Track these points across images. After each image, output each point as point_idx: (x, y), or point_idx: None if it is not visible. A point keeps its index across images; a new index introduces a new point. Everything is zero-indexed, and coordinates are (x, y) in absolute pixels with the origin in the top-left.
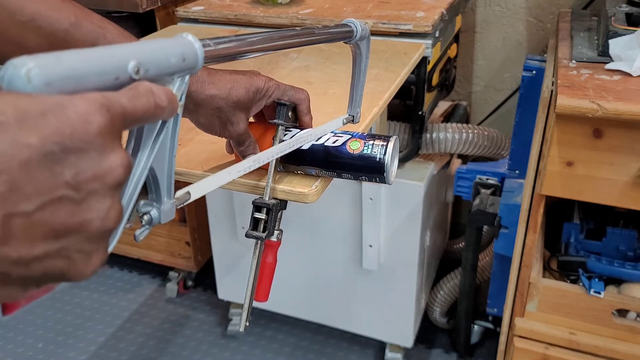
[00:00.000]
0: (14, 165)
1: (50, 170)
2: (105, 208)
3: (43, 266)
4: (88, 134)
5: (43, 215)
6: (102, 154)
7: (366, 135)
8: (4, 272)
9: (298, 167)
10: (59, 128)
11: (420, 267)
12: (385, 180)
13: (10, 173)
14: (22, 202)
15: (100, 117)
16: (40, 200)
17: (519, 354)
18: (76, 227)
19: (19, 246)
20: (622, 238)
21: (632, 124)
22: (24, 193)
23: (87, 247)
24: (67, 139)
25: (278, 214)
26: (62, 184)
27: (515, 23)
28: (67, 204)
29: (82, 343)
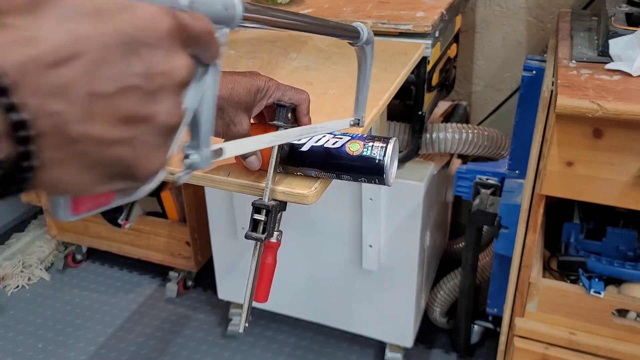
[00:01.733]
0: (95, 48)
1: (125, 59)
2: (171, 104)
3: (116, 152)
4: (157, 31)
5: (119, 100)
6: (169, 53)
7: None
8: (84, 152)
9: (297, 168)
10: (132, 23)
11: (420, 267)
12: (384, 182)
13: (92, 55)
14: (103, 84)
15: (168, 19)
16: (117, 85)
17: (519, 354)
18: (145, 117)
19: (98, 125)
20: (622, 238)
21: (632, 124)
22: (104, 75)
23: (153, 141)
24: (139, 33)
25: (278, 215)
26: (135, 73)
27: (515, 23)
28: (138, 93)
29: (82, 343)
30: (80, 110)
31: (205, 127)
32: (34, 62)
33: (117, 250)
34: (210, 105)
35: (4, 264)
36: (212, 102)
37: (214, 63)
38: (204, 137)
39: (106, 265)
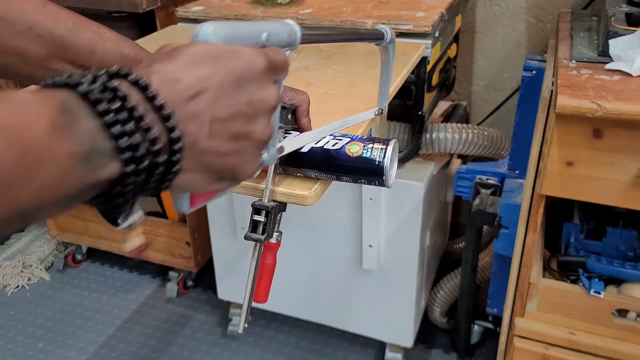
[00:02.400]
0: (215, 85)
1: (234, 92)
2: (265, 124)
3: (228, 161)
4: (256, 70)
5: (230, 123)
6: (264, 85)
7: (365, 138)
8: (208, 161)
9: (297, 169)
10: (237, 64)
11: (420, 267)
12: (384, 184)
13: (213, 90)
14: (220, 110)
15: (262, 59)
16: (229, 111)
17: (519, 354)
18: (247, 135)
19: (217, 142)
20: (622, 238)
21: (632, 124)
22: (222, 104)
23: (251, 152)
24: (244, 71)
25: (277, 216)
26: (241, 102)
27: (515, 23)
28: (243, 117)
29: (82, 343)
30: (206, 130)
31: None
32: (182, 95)
33: (117, 250)
34: (277, 113)
35: (4, 264)
36: (278, 111)
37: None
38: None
39: (106, 265)
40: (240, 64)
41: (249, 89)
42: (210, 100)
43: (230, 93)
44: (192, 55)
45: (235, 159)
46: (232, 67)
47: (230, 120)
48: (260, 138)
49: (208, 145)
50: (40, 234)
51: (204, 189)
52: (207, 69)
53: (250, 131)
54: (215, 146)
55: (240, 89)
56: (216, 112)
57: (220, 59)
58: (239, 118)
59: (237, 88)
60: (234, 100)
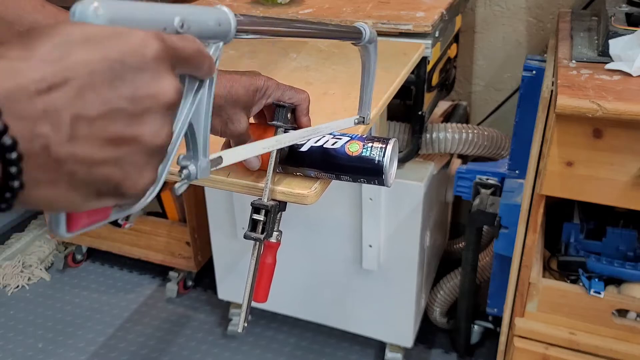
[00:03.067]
0: (82, 75)
1: (111, 84)
2: (158, 125)
3: (102, 172)
4: (145, 56)
5: (104, 123)
6: (157, 76)
7: (365, 137)
8: (71, 171)
9: (297, 168)
10: (120, 49)
11: (420, 267)
12: (384, 183)
13: (78, 80)
14: (87, 107)
15: (156, 43)
16: (102, 108)
17: (519, 354)
18: (131, 139)
19: (84, 147)
20: (622, 238)
21: (632, 124)
22: (89, 99)
23: (139, 160)
24: (126, 58)
25: (277, 216)
26: (121, 97)
27: (515, 23)
28: (124, 116)
29: (82, 343)
30: (65, 132)
31: (202, 137)
32: (21, 90)
33: (117, 250)
34: (206, 117)
35: (4, 264)
36: (207, 115)
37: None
38: (202, 147)
39: (106, 265)
40: (124, 49)
41: (133, 81)
42: (73, 94)
43: (104, 85)
44: (59, 37)
45: (114, 169)
46: (110, 53)
47: (104, 120)
48: (151, 143)
49: (69, 151)
50: (40, 234)
51: (78, 208)
52: (75, 56)
53: (135, 134)
54: (80, 153)
55: (119, 80)
56: (81, 109)
57: (97, 42)
58: (118, 117)
59: (116, 79)
60: (110, 94)
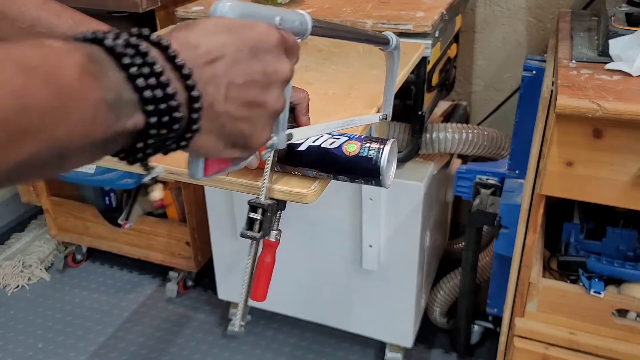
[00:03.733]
0: (232, 52)
1: (250, 60)
2: (277, 95)
3: (241, 127)
4: (271, 41)
5: (246, 89)
6: (279, 58)
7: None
8: (222, 124)
9: (295, 168)
10: (253, 35)
11: (420, 267)
12: (381, 184)
13: (230, 56)
14: (237, 76)
15: (277, 33)
16: (246, 77)
17: (519, 354)
18: (261, 103)
19: (233, 106)
20: (622, 238)
21: (632, 124)
22: (237, 70)
23: (264, 121)
24: (259, 42)
25: (277, 214)
26: (257, 71)
27: (515, 23)
28: (258, 85)
29: (82, 343)
30: (223, 94)
31: (283, 116)
32: (200, 59)
33: (117, 250)
34: (287, 99)
35: (4, 264)
36: (288, 97)
37: None
38: (282, 123)
39: (106, 265)
40: (256, 35)
41: (263, 59)
42: (227, 65)
43: (246, 61)
44: (210, 26)
45: (248, 125)
46: (247, 37)
47: (246, 87)
48: (273, 108)
49: (224, 108)
50: (40, 234)
51: (218, 154)
52: (224, 38)
53: (264, 100)
54: (230, 110)
55: (255, 58)
56: (232, 77)
57: (236, 29)
58: (254, 86)
59: (253, 57)
60: (250, 68)
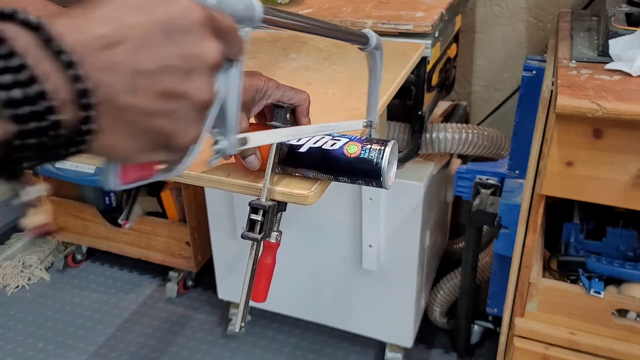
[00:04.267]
0: (138, 34)
1: (164, 43)
2: (203, 83)
3: (157, 123)
4: (192, 19)
5: (158, 78)
6: (202, 38)
7: (364, 139)
8: (131, 120)
9: (296, 169)
10: (169, 13)
11: (420, 267)
12: (382, 185)
13: (135, 39)
14: (145, 62)
15: (200, 10)
16: (157, 63)
17: (519, 354)
18: (181, 93)
19: (142, 98)
20: (622, 238)
21: (632, 124)
22: (145, 55)
23: (188, 115)
24: (175, 21)
25: (277, 216)
26: (172, 55)
27: (515, 23)
28: (175, 72)
29: (82, 343)
30: (127, 84)
31: (232, 115)
32: (93, 43)
33: (117, 250)
34: (236, 96)
35: (4, 264)
36: (237, 94)
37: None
38: (231, 124)
39: (106, 265)
40: (172, 13)
41: (181, 41)
42: (132, 50)
43: (157, 43)
44: (114, 2)
45: (167, 121)
46: (160, 15)
47: (159, 75)
48: (198, 99)
49: (131, 101)
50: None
51: (135, 158)
52: (131, 17)
53: (184, 90)
54: (140, 103)
55: (170, 39)
56: (139, 63)
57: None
58: (170, 73)
59: (167, 38)
60: (163, 51)
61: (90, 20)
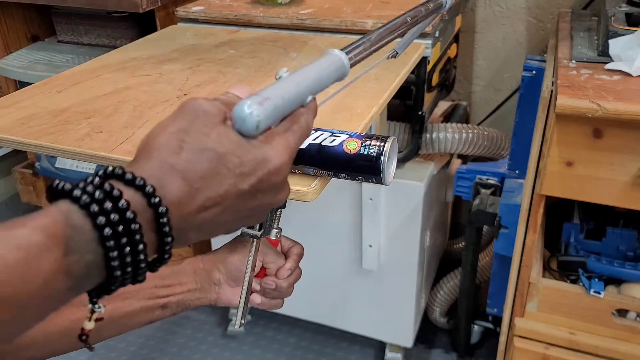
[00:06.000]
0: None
1: (250, 199)
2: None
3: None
4: (277, 181)
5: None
6: (280, 190)
7: (364, 135)
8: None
9: (296, 166)
10: (263, 178)
11: (420, 267)
12: (381, 181)
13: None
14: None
15: (287, 168)
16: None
17: (519, 354)
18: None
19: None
20: (622, 238)
21: (632, 124)
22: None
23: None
24: (264, 186)
25: (277, 213)
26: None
27: (515, 23)
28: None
29: None
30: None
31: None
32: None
33: None
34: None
35: None
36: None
37: None
38: None
39: None
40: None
41: (261, 197)
42: (219, 212)
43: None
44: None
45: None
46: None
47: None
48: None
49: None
50: None
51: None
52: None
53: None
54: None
55: (261, 193)
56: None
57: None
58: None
59: (257, 194)
60: (242, 208)
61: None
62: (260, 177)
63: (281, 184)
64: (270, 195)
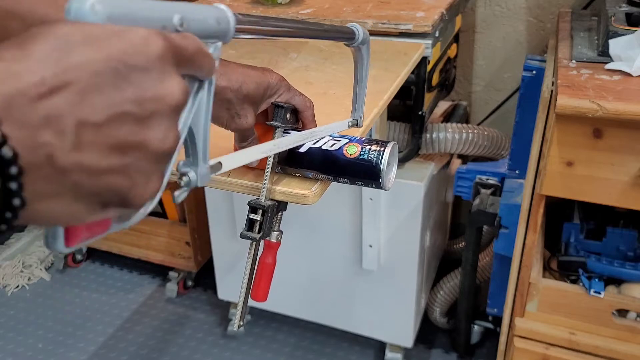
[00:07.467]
0: (84, 77)
1: (116, 86)
2: (164, 129)
3: (109, 181)
4: (149, 54)
5: (109, 128)
6: (162, 76)
7: (364, 139)
8: (77, 182)
9: (296, 169)
10: (122, 48)
11: (420, 267)
12: (381, 186)
13: (81, 84)
14: (92, 112)
15: (160, 41)
16: (108, 112)
17: (519, 354)
18: (138, 144)
19: (90, 155)
20: (622, 238)
21: (632, 124)
22: (93, 104)
23: (147, 167)
24: (130, 58)
25: (277, 215)
26: (126, 100)
27: (515, 23)
28: (130, 120)
29: (82, 343)
30: (70, 140)
31: (202, 142)
32: (20, 95)
33: (117, 250)
34: (206, 121)
35: (4, 264)
36: (207, 118)
37: (209, 79)
38: (201, 152)
39: (106, 265)
40: (126, 47)
41: (138, 82)
42: (76, 98)
43: (108, 87)
44: (55, 38)
45: (121, 177)
46: (112, 52)
47: (110, 125)
48: (158, 148)
49: (74, 160)
50: (40, 234)
51: (82, 220)
52: (75, 56)
53: (142, 140)
54: (87, 161)
55: (124, 81)
56: (86, 113)
57: (96, 41)
58: (123, 122)
59: (119, 80)
60: (115, 96)
61: (25, 64)
62: (118, 46)
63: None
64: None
